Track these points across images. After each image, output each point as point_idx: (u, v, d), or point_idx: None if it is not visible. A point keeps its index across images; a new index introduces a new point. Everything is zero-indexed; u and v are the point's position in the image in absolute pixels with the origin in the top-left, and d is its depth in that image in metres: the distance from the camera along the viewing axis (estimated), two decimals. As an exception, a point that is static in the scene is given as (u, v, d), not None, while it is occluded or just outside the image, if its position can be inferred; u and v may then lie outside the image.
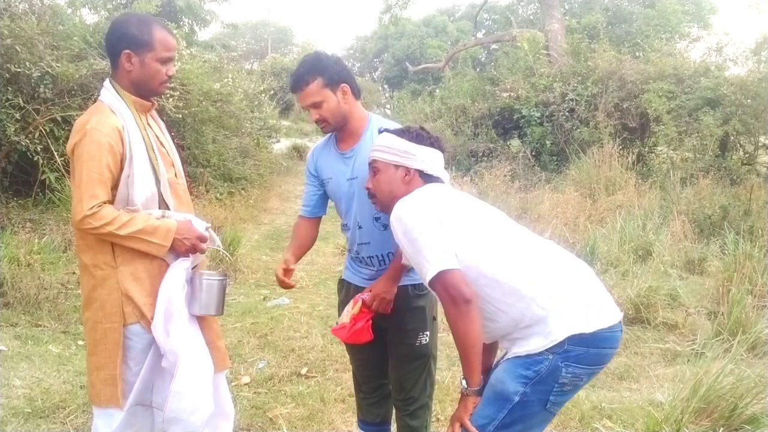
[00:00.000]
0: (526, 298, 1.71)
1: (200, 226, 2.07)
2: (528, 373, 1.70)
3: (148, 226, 1.95)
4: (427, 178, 1.97)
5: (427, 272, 1.72)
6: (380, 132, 2.05)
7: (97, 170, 1.90)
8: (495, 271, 1.74)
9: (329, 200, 2.43)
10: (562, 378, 1.69)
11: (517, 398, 1.70)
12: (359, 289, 2.36)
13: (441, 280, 1.70)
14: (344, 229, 2.36)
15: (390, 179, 1.96)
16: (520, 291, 1.72)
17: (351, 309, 2.21)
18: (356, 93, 2.22)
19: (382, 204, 2.01)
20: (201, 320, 2.12)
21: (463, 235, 1.77)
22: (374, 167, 2.00)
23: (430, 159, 1.97)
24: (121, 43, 2.01)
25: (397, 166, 1.95)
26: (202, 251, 2.07)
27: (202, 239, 2.05)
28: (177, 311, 1.99)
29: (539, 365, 1.69)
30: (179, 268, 2.02)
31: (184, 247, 2.01)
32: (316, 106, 2.16)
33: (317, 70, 2.14)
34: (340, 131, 2.27)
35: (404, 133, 1.99)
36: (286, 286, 2.40)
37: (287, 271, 2.37)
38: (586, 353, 1.70)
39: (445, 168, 2.06)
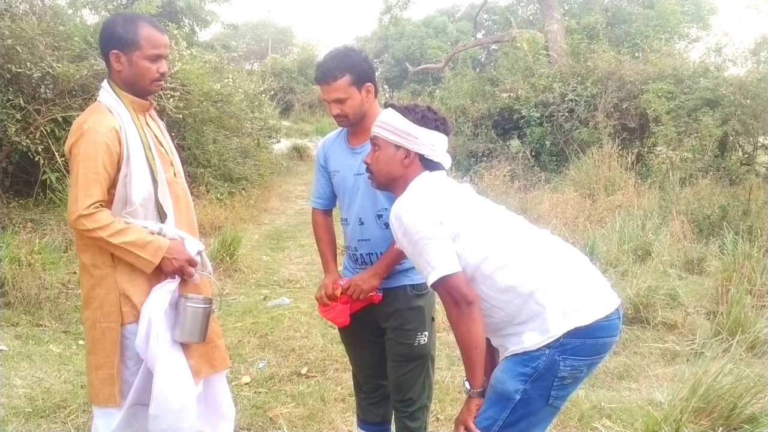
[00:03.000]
0: (523, 295, 1.72)
1: (192, 248, 2.03)
2: (526, 370, 1.71)
3: (140, 240, 1.94)
4: (427, 162, 1.93)
5: (429, 275, 1.73)
6: (386, 107, 1.99)
7: (93, 170, 1.91)
8: (492, 271, 1.74)
9: None
10: (561, 372, 1.70)
11: (518, 396, 1.71)
12: None
13: (444, 283, 1.71)
14: (344, 224, 2.37)
15: (389, 159, 1.91)
16: (517, 288, 1.72)
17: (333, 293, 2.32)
18: (377, 92, 2.24)
19: (378, 182, 1.98)
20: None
21: (462, 235, 1.76)
22: (375, 143, 1.95)
23: (432, 144, 1.90)
24: (109, 43, 2.02)
25: (397, 147, 1.90)
26: (190, 275, 2.02)
27: (192, 263, 2.02)
28: (156, 335, 1.97)
29: (537, 361, 1.70)
30: (164, 291, 2.00)
31: (172, 267, 1.98)
32: (340, 102, 2.15)
33: (347, 67, 2.13)
34: (354, 126, 2.27)
35: (409, 112, 1.92)
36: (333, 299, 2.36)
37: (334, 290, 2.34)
38: (582, 344, 1.70)
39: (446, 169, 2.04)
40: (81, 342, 3.74)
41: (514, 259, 1.75)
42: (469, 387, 1.78)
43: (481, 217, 1.83)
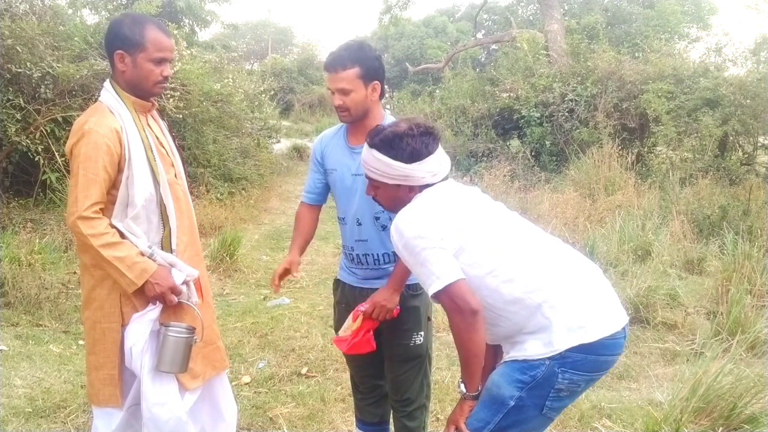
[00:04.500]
0: (530, 307, 1.70)
1: (179, 276, 2.01)
2: (524, 378, 1.70)
3: (128, 258, 1.92)
4: (432, 183, 1.89)
5: (432, 285, 1.68)
6: (370, 145, 1.90)
7: (93, 171, 1.91)
8: (498, 285, 1.71)
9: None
10: (559, 384, 1.69)
11: (512, 403, 1.70)
12: (354, 290, 2.36)
13: (448, 292, 1.67)
14: (341, 223, 2.35)
15: (393, 195, 1.90)
16: (525, 301, 1.70)
17: (352, 323, 2.19)
18: (383, 93, 2.23)
19: (388, 210, 1.99)
20: (201, 319, 2.12)
21: (466, 250, 1.73)
22: (373, 183, 1.92)
23: (431, 171, 1.85)
24: (115, 43, 2.01)
25: (398, 185, 1.87)
26: (171, 302, 2.00)
27: (175, 291, 2.00)
28: (139, 363, 1.98)
29: (536, 370, 1.69)
30: (145, 319, 1.99)
31: (154, 292, 1.97)
32: (344, 92, 2.14)
33: (358, 60, 2.13)
34: (354, 125, 2.25)
35: (395, 149, 1.83)
36: (276, 287, 2.38)
37: (287, 272, 2.35)
38: (584, 360, 1.69)
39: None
40: (81, 342, 3.74)
41: (521, 271, 1.72)
42: (464, 390, 1.77)
43: (486, 228, 1.79)
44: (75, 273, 4.57)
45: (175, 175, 2.16)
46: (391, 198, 1.91)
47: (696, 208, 6.46)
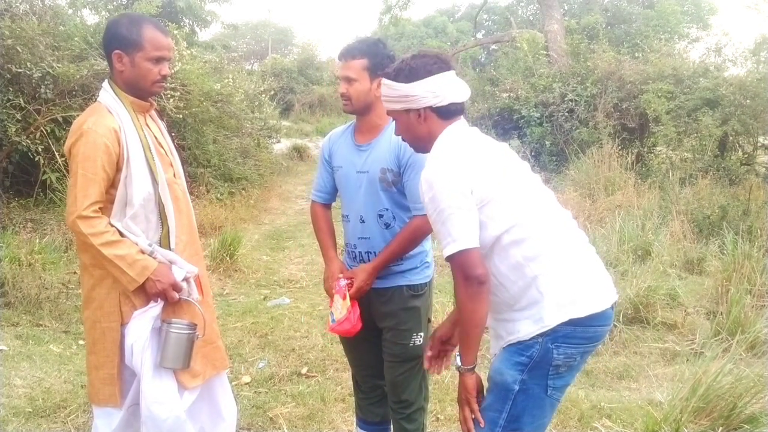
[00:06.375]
0: (527, 278, 1.72)
1: (179, 273, 2.03)
2: (522, 359, 1.72)
3: (129, 256, 1.94)
4: (442, 110, 1.85)
5: (447, 246, 1.70)
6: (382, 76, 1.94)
7: (92, 170, 1.91)
8: (508, 244, 1.73)
9: None
10: (555, 360, 1.71)
11: (516, 387, 1.72)
12: None
13: (460, 257, 1.68)
14: (344, 221, 2.37)
15: (407, 125, 1.89)
16: (523, 269, 1.72)
17: (342, 301, 2.23)
18: None
19: (413, 148, 1.98)
20: (203, 315, 2.11)
21: (492, 202, 1.73)
22: (392, 116, 1.96)
23: (433, 92, 1.82)
24: (112, 43, 2.02)
25: (407, 111, 1.87)
26: (172, 299, 2.02)
27: (176, 288, 2.01)
28: (139, 360, 1.98)
29: (531, 350, 1.72)
30: (147, 316, 2.00)
31: (155, 289, 1.98)
32: (349, 81, 2.21)
33: (368, 52, 2.20)
34: (360, 121, 2.29)
35: (398, 73, 1.86)
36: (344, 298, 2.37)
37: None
38: (573, 331, 1.71)
39: None
40: (81, 342, 3.74)
41: (531, 234, 1.73)
42: (459, 363, 1.77)
43: (516, 182, 1.80)
44: (75, 273, 4.57)
45: (174, 175, 2.17)
46: (407, 129, 1.90)
47: (696, 208, 6.46)
